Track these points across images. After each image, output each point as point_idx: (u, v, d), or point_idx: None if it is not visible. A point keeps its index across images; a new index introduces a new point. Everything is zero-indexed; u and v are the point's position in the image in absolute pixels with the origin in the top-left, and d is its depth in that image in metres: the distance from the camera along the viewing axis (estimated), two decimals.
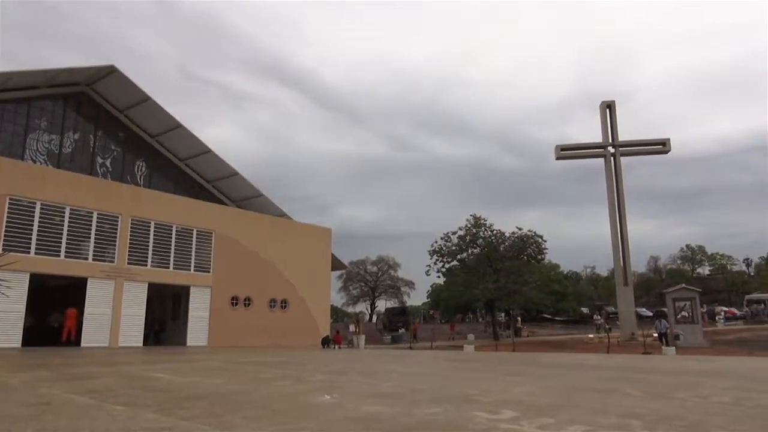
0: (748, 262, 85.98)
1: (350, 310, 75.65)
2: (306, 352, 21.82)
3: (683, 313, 27.86)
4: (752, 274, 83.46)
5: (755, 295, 57.15)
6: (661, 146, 36.14)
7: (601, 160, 36.25)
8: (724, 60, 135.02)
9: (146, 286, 24.01)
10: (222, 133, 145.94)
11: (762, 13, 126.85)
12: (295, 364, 12.50)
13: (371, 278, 70.67)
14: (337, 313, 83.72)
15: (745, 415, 5.27)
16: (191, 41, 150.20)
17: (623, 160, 36.00)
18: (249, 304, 28.17)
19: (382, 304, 72.52)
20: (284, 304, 29.93)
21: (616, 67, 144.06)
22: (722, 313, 49.32)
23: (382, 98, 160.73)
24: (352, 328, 33.56)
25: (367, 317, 72.08)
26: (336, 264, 36.15)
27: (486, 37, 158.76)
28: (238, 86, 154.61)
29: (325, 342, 28.82)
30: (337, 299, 69.89)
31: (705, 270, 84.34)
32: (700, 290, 30.65)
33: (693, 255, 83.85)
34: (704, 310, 44.30)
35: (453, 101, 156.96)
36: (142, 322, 23.69)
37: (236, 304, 27.63)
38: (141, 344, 23.21)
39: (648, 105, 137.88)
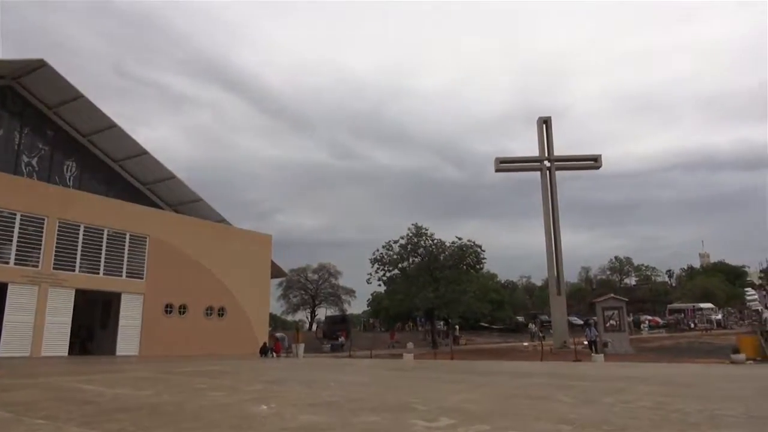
0: (670, 273, 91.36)
1: (290, 318, 74.65)
2: (243, 361, 21.34)
3: (611, 321, 29.14)
4: (674, 284, 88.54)
5: (676, 305, 60.52)
6: (593, 162, 37.81)
7: (538, 173, 37.51)
8: (649, 83, 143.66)
9: (73, 292, 22.82)
10: (159, 134, 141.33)
11: (675, 41, 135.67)
12: (230, 374, 12.19)
13: (312, 286, 69.93)
14: (276, 322, 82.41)
15: (666, 419, 5.56)
16: (127, 39, 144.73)
17: (558, 173, 37.40)
18: (184, 312, 27.29)
19: (322, 313, 71.89)
20: (221, 311, 29.20)
21: (552, 84, 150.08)
22: (646, 322, 51.88)
23: (325, 105, 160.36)
24: (280, 335, 33.01)
25: (307, 325, 71.37)
26: (276, 271, 35.65)
27: (430, 49, 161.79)
28: (177, 87, 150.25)
29: (264, 351, 28.28)
30: (277, 307, 68.79)
31: (632, 281, 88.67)
32: (627, 300, 32.17)
33: (621, 266, 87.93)
34: (631, 319, 46.52)
35: (396, 111, 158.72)
36: (68, 330, 22.46)
37: (170, 312, 26.71)
38: (66, 354, 22.00)
39: (581, 122, 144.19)
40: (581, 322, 51.88)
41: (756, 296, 76.41)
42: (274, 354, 28.57)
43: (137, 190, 30.60)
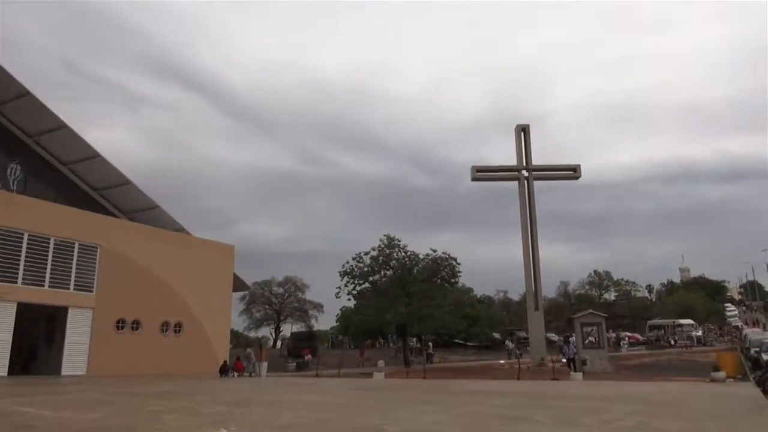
0: (650, 288, 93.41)
1: (253, 334, 73.67)
2: (201, 381, 20.96)
3: (590, 338, 29.55)
4: (654, 300, 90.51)
5: (656, 321, 61.79)
6: (572, 172, 38.45)
7: (515, 183, 37.96)
8: (627, 92, 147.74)
9: (15, 306, 22.09)
10: (113, 136, 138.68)
11: (653, 49, 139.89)
12: (187, 395, 11.93)
13: (277, 300, 69.17)
14: (238, 338, 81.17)
15: None
16: (78, 34, 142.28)
17: (536, 184, 37.91)
18: (137, 328, 26.69)
19: (287, 329, 71.19)
20: (178, 327, 28.66)
21: (530, 91, 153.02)
22: (626, 339, 52.80)
23: (291, 107, 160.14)
24: (248, 351, 32.57)
25: (271, 342, 70.50)
26: (238, 284, 35.22)
27: (402, 51, 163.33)
28: (133, 86, 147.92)
29: (224, 370, 27.82)
30: (239, 323, 67.91)
31: (611, 296, 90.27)
32: (606, 316, 32.69)
33: (600, 281, 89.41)
34: (611, 335, 47.28)
35: (367, 115, 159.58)
36: (8, 347, 21.71)
37: (122, 328, 26.09)
38: (5, 374, 21.24)
39: (559, 130, 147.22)
40: (560, 339, 52.56)
41: (736, 312, 78.78)
42: (235, 373, 28.13)
43: (88, 196, 29.90)
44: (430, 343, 45.50)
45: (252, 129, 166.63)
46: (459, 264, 38.63)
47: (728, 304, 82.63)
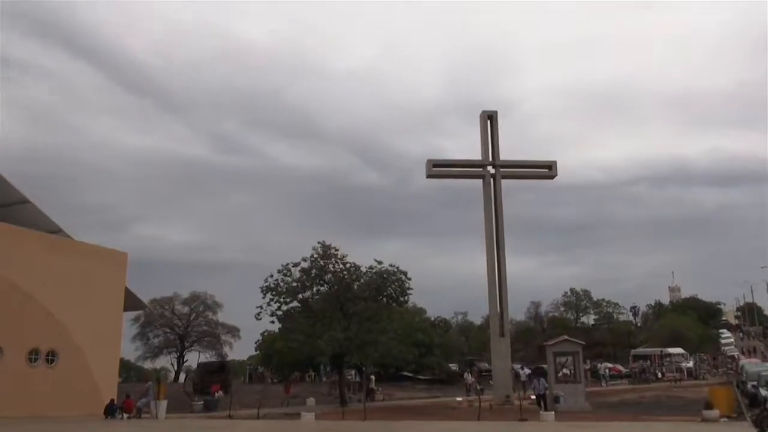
0: (635, 310, 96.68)
1: (149, 365, 72.22)
2: (81, 425, 20.39)
3: (564, 370, 30.38)
4: (639, 324, 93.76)
5: (641, 350, 64.18)
6: (547, 170, 39.39)
7: (479, 181, 38.58)
8: (610, 77, 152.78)
9: None
10: None
11: (641, 27, 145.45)
12: None
13: (181, 322, 68.07)
14: (129, 370, 79.20)
15: None
16: None
17: (504, 183, 38.66)
18: None
19: (194, 358, 70.07)
20: (51, 356, 27.82)
21: (497, 73, 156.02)
22: (606, 371, 54.60)
23: (206, 83, 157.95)
24: (149, 384, 31.92)
25: (173, 376, 69.27)
26: (132, 302, 34.49)
27: (345, 19, 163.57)
28: None
29: (110, 410, 27.12)
30: (131, 351, 66.40)
31: (590, 319, 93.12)
32: (583, 343, 33.66)
33: (577, 301, 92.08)
34: (588, 366, 48.73)
35: (299, 95, 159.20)
36: None
37: None
38: None
39: (530, 121, 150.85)
40: (528, 372, 53.79)
41: (732, 339, 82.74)
42: (125, 414, 27.51)
43: None
44: (373, 377, 45.66)
45: (156, 107, 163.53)
46: (409, 279, 38.92)
47: (724, 330, 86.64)
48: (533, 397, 30.55)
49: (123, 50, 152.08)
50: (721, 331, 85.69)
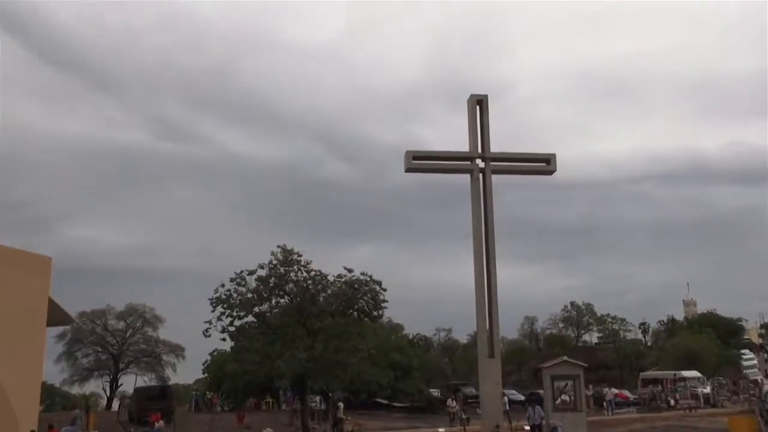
0: (644, 327, 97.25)
1: (77, 390, 71.50)
2: None
3: (563, 396, 30.41)
4: (649, 344, 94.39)
5: (651, 373, 64.63)
6: (545, 164, 39.26)
7: (466, 176, 38.51)
8: (616, 58, 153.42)
9: None
10: None
11: (650, 3, 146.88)
12: None
13: (115, 340, 67.50)
14: (53, 396, 78.30)
15: None
16: None
17: (495, 179, 38.63)
18: None
19: (130, 382, 69.51)
20: None
21: (486, 52, 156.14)
22: (611, 397, 54.89)
23: (143, 56, 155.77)
24: (77, 412, 31.47)
25: (105, 402, 68.64)
26: (56, 316, 33.83)
27: None
28: None
29: None
30: (55, 373, 65.57)
31: (593, 337, 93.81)
32: (585, 365, 33.76)
33: (578, 317, 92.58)
34: (590, 392, 48.98)
35: (256, 74, 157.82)
36: None
37: None
38: None
39: (525, 108, 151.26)
40: (522, 398, 53.96)
41: (755, 361, 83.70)
42: None
43: None
44: (341, 404, 45.48)
45: (85, 85, 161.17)
46: (384, 290, 38.87)
47: (746, 351, 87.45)
48: (527, 427, 30.58)
49: (44, 15, 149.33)
50: (742, 351, 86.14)
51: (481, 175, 38.14)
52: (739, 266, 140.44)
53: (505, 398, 47.67)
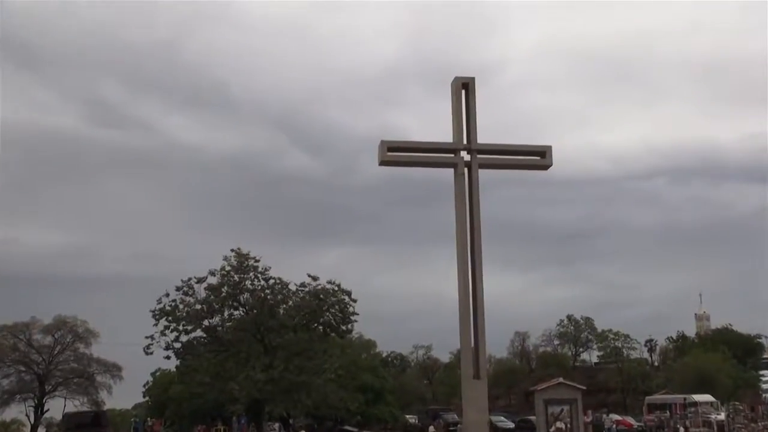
0: (651, 345, 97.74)
1: None
2: None
3: (558, 424, 30.71)
4: (656, 363, 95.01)
5: (658, 397, 65.07)
6: (539, 157, 39.49)
7: (449, 171, 38.76)
8: (620, 37, 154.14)
9: None
10: None
11: None
12: None
13: (41, 358, 66.89)
14: None
15: None
16: None
17: (482, 174, 38.92)
18: None
19: (58, 407, 68.98)
20: None
21: (472, 28, 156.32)
22: (613, 425, 55.31)
23: (76, 31, 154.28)
24: None
25: (28, 430, 68.01)
26: None
27: None
28: None
29: None
30: None
31: (592, 356, 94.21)
32: (584, 388, 34.10)
33: (576, 333, 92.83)
34: (589, 419, 49.36)
35: (205, 51, 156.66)
36: None
37: None
38: None
39: (516, 93, 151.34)
40: (512, 425, 54.29)
41: None
42: None
43: None
44: (303, 431, 45.64)
45: (9, 62, 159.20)
46: (354, 301, 39.03)
47: (765, 372, 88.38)
48: None
49: None
50: (761, 373, 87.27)
51: (466, 169, 38.30)
52: (757, 275, 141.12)
53: (494, 425, 48.20)
